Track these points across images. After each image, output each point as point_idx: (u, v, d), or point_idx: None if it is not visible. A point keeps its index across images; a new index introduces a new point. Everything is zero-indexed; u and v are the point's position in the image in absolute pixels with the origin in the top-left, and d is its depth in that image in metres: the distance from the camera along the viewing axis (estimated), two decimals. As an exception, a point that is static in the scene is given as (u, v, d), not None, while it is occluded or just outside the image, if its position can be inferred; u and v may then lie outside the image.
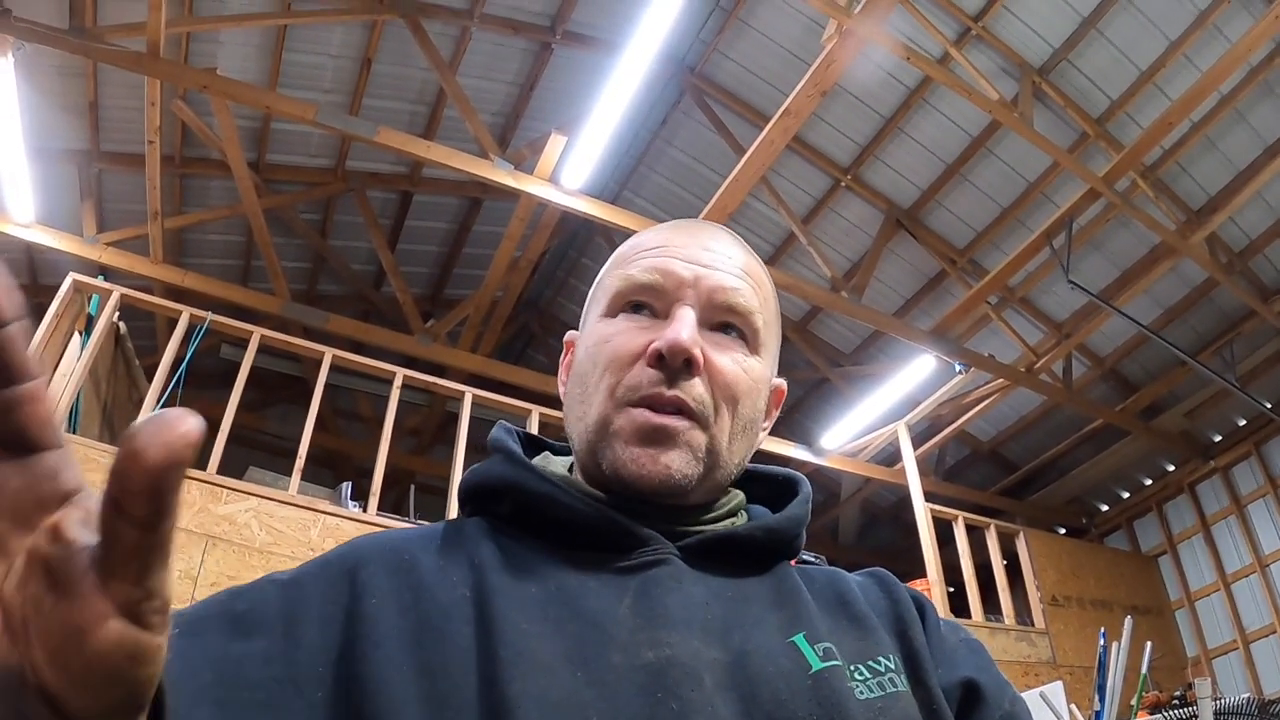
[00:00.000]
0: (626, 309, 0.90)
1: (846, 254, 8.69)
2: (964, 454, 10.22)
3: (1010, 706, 0.83)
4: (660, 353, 0.84)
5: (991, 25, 6.68)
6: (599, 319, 0.92)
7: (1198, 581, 8.82)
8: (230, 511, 4.85)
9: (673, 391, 0.83)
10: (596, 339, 0.90)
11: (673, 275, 0.89)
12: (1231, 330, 7.97)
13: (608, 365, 0.86)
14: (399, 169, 8.42)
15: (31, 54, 5.48)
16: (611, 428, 0.84)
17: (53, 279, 6.79)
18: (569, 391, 0.93)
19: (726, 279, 0.90)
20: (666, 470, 0.82)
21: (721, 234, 0.96)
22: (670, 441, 0.83)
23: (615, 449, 0.84)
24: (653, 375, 0.84)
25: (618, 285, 0.91)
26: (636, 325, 0.88)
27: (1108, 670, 3.91)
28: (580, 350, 0.92)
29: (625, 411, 0.84)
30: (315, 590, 0.76)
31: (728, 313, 0.89)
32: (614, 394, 0.85)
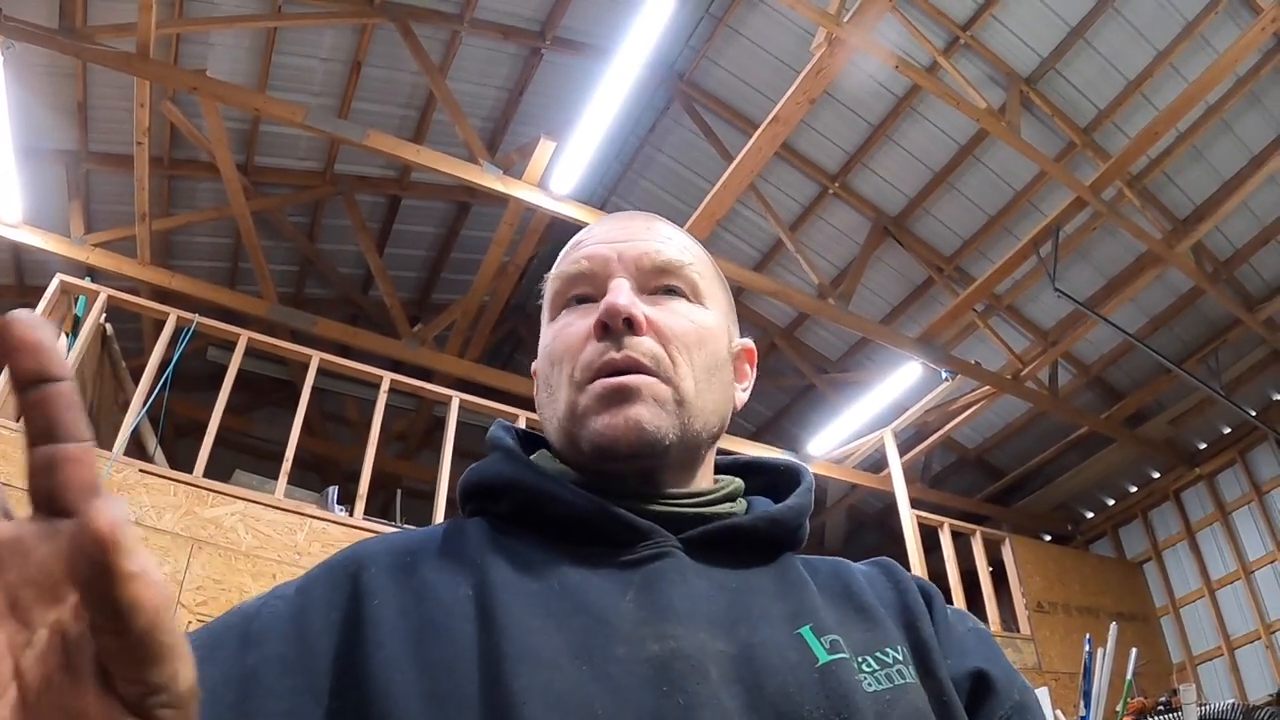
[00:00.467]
0: (567, 305, 0.92)
1: (834, 261, 8.72)
2: (950, 461, 10.25)
3: (1020, 696, 0.82)
4: (602, 323, 0.85)
5: (980, 34, 6.72)
6: (548, 325, 0.94)
7: (1183, 588, 8.87)
8: (217, 515, 4.84)
9: (623, 353, 0.84)
10: (548, 340, 0.92)
11: (597, 257, 0.91)
12: (1217, 339, 8.01)
13: (562, 355, 0.88)
14: (388, 173, 8.42)
15: (21, 53, 5.46)
16: (579, 409, 0.85)
17: (40, 280, 6.77)
18: (540, 400, 0.94)
19: (648, 245, 0.91)
20: (637, 423, 0.82)
21: (642, 215, 0.98)
22: (633, 396, 0.83)
23: (588, 424, 0.84)
24: (601, 346, 0.85)
25: (554, 287, 0.94)
26: (578, 314, 0.90)
27: (1093, 676, 3.93)
28: (540, 360, 0.94)
29: (586, 389, 0.85)
30: (321, 595, 0.76)
31: (660, 274, 0.90)
32: (573, 378, 0.86)
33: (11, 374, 0.39)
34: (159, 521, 4.62)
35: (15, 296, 8.04)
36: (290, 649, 0.71)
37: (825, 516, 10.85)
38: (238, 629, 0.73)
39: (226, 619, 0.76)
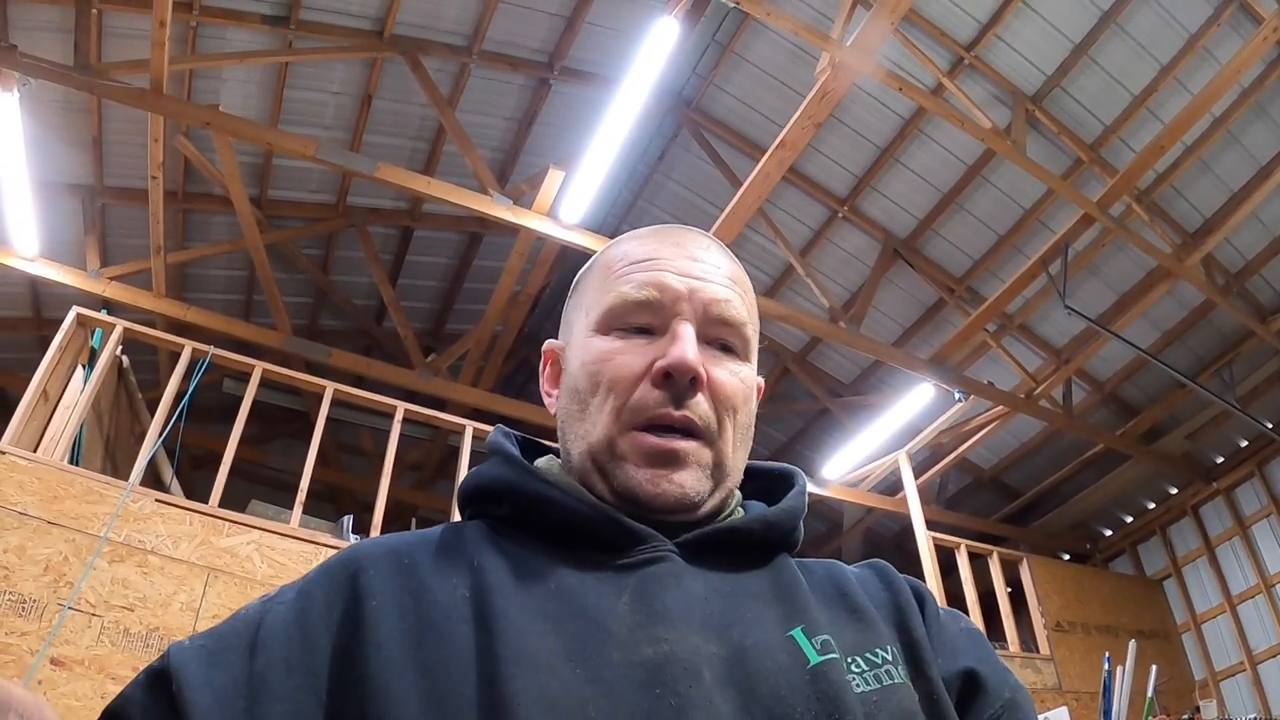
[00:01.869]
0: (623, 325, 0.90)
1: (845, 284, 8.73)
2: (965, 482, 10.18)
3: (1011, 695, 0.83)
4: (667, 372, 0.85)
5: (984, 54, 6.74)
6: (591, 333, 0.91)
7: (1203, 604, 8.77)
8: (232, 544, 4.85)
9: (681, 412, 0.85)
10: (595, 356, 0.89)
11: (669, 290, 0.89)
12: (1230, 351, 7.96)
13: (611, 386, 0.86)
14: (400, 204, 8.48)
15: (36, 89, 5.53)
16: (618, 450, 0.85)
17: (56, 312, 6.83)
18: (564, 407, 0.92)
19: (719, 290, 0.91)
20: (681, 489, 0.84)
21: (705, 240, 0.97)
22: (680, 462, 0.84)
23: (627, 471, 0.84)
24: (659, 396, 0.85)
25: (610, 301, 0.91)
26: (634, 343, 0.88)
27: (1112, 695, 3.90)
28: (574, 364, 0.92)
29: (631, 435, 0.85)
30: (321, 596, 0.78)
31: (722, 326, 0.90)
32: (619, 416, 0.85)
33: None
34: (175, 551, 4.64)
35: (32, 329, 8.12)
36: (293, 651, 0.73)
37: (841, 540, 10.80)
38: (244, 635, 0.75)
39: (232, 625, 0.77)
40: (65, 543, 4.38)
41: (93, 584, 4.31)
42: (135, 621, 4.32)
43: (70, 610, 4.17)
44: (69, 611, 4.17)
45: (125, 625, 4.29)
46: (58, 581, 4.25)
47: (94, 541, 4.44)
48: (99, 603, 4.29)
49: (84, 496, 4.58)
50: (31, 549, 4.28)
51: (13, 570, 4.19)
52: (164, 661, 0.74)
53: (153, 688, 0.72)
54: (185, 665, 0.72)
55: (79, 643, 4.14)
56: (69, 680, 4.02)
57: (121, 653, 4.19)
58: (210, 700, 0.69)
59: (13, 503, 4.39)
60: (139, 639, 4.27)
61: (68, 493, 4.55)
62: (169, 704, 0.70)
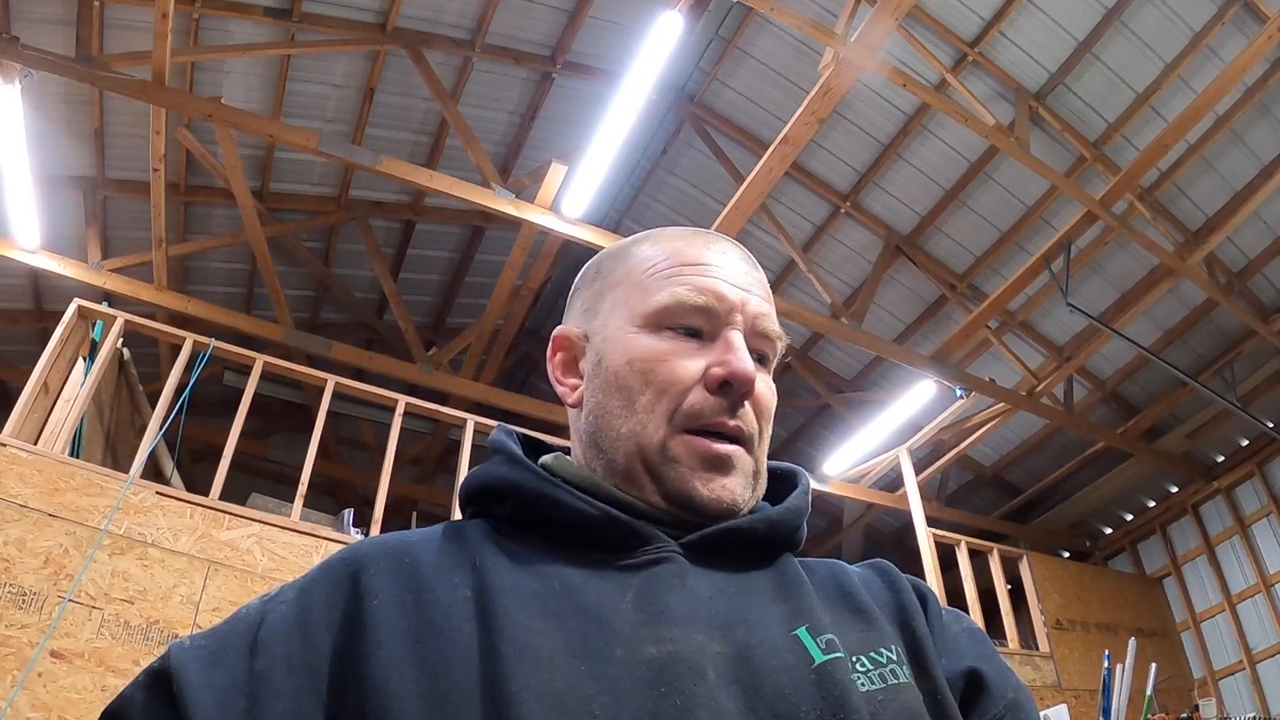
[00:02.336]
0: (675, 327, 0.90)
1: (846, 280, 8.73)
2: (966, 479, 10.20)
3: (1014, 695, 0.83)
4: (726, 381, 0.86)
5: (988, 51, 6.73)
6: (634, 329, 0.91)
7: (1203, 603, 8.79)
8: (233, 537, 4.85)
9: (735, 421, 0.87)
10: (648, 354, 0.89)
11: (725, 299, 0.91)
12: (1231, 350, 7.97)
13: (665, 387, 0.87)
14: (402, 198, 8.47)
15: (38, 81, 5.52)
16: (670, 452, 0.85)
17: (58, 305, 6.83)
18: (600, 402, 0.91)
19: (763, 305, 0.93)
20: (733, 495, 0.86)
21: (740, 249, 1.00)
22: (730, 468, 0.87)
23: (680, 474, 0.85)
24: (715, 403, 0.87)
25: (664, 301, 0.91)
26: (687, 346, 0.89)
27: (1112, 693, 3.91)
28: (616, 359, 0.91)
29: (683, 438, 0.86)
30: (321, 595, 0.78)
31: (764, 339, 0.93)
32: (672, 418, 0.86)
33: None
34: (175, 544, 4.64)
35: (33, 321, 8.13)
36: (294, 650, 0.73)
37: (842, 536, 10.81)
38: (245, 635, 0.75)
39: (233, 624, 0.77)
40: (65, 535, 4.39)
41: (93, 577, 4.31)
42: (135, 614, 4.33)
43: (70, 603, 4.18)
44: (69, 604, 4.17)
45: (125, 618, 4.29)
46: (58, 574, 4.26)
47: (94, 534, 4.44)
48: (99, 595, 4.30)
49: (84, 489, 4.58)
50: (32, 542, 4.29)
51: (13, 563, 4.19)
52: (164, 662, 0.73)
53: (153, 688, 0.72)
54: (186, 666, 0.72)
55: (79, 635, 4.14)
56: (69, 673, 4.02)
57: (122, 645, 4.20)
58: (211, 701, 0.69)
59: (13, 495, 4.39)
60: (139, 632, 4.27)
61: (68, 485, 4.56)
62: (169, 705, 0.70)
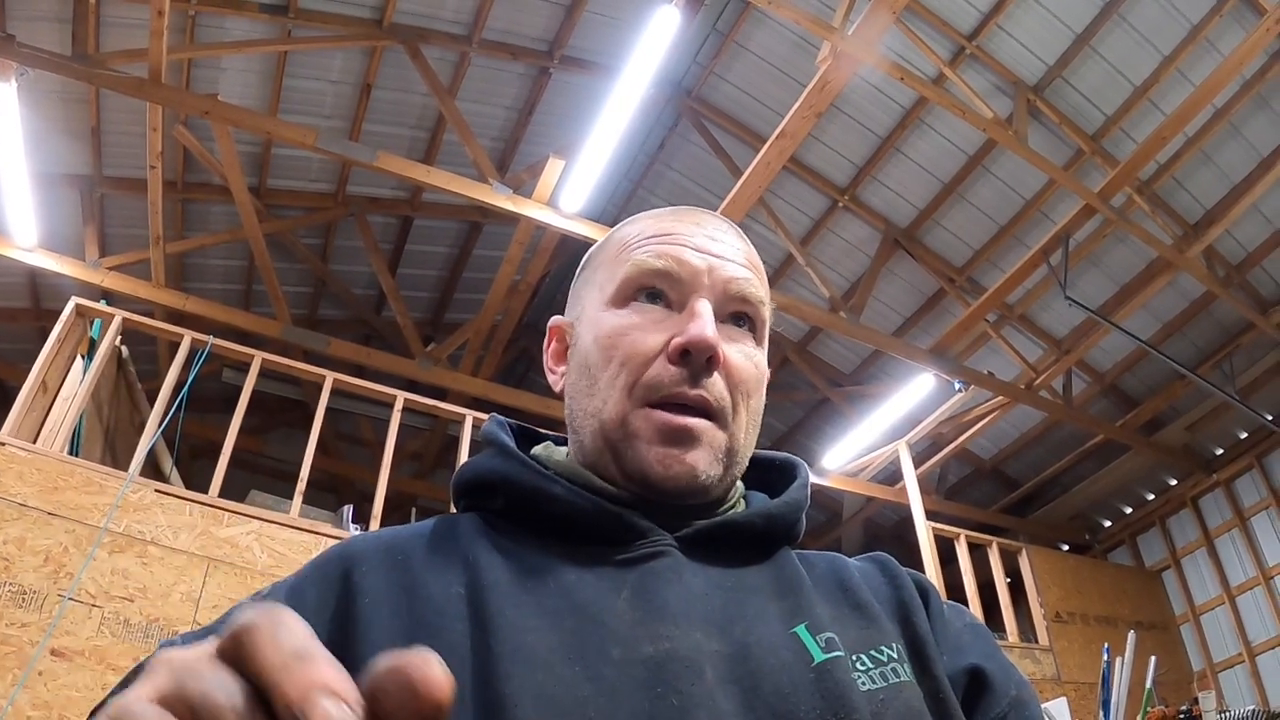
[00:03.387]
0: (638, 297, 0.88)
1: (845, 274, 8.72)
2: (965, 472, 10.20)
3: (1017, 692, 0.82)
4: (684, 349, 0.82)
5: (985, 44, 6.72)
6: (604, 307, 0.89)
7: (1202, 595, 8.79)
8: (232, 534, 4.85)
9: (696, 391, 0.83)
10: (609, 329, 0.87)
11: (687, 264, 0.87)
12: (1230, 343, 7.97)
13: (625, 361, 0.84)
14: (399, 194, 8.46)
15: (34, 79, 5.51)
16: (630, 427, 0.83)
17: (55, 303, 6.82)
18: (573, 383, 0.90)
19: (737, 270, 0.89)
20: (693, 470, 0.82)
21: (722, 222, 0.96)
22: (694, 442, 0.82)
23: (638, 449, 0.82)
24: (675, 373, 0.83)
25: (627, 271, 0.88)
26: (651, 318, 0.86)
27: (1111, 685, 3.91)
28: (586, 338, 0.90)
29: (644, 412, 0.83)
30: (313, 594, 0.76)
31: (741, 304, 0.89)
32: (631, 392, 0.83)
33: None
34: (175, 541, 4.64)
35: (31, 320, 8.12)
36: None
37: (841, 530, 10.82)
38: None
39: (223, 624, 0.76)
40: (65, 534, 4.38)
41: (93, 575, 4.31)
42: (135, 612, 4.32)
43: (70, 601, 4.18)
44: (69, 602, 4.17)
45: (125, 616, 4.29)
46: (58, 572, 4.25)
47: (94, 532, 4.44)
48: (99, 593, 4.29)
49: (84, 487, 4.58)
50: (31, 540, 4.28)
51: (13, 561, 4.19)
52: (154, 659, 0.72)
53: None
54: None
55: (79, 633, 4.14)
56: (69, 671, 4.02)
57: (122, 643, 4.19)
58: None
59: (12, 494, 4.39)
60: (139, 629, 4.27)
61: (67, 483, 4.55)
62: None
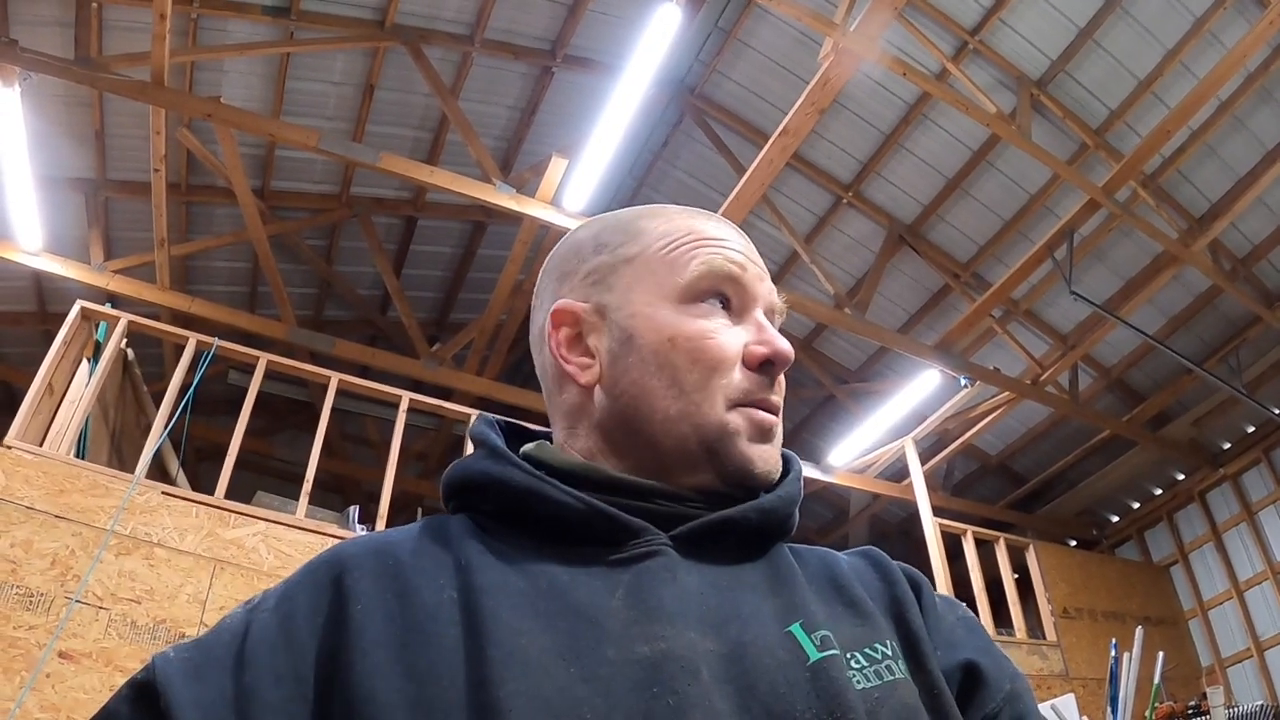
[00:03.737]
0: (709, 299, 0.89)
1: (850, 270, 8.71)
2: (972, 468, 10.18)
3: (1011, 686, 0.82)
4: (769, 359, 0.88)
5: (988, 39, 6.71)
6: (668, 304, 0.88)
7: (1210, 590, 8.77)
8: (238, 536, 4.86)
9: (776, 398, 0.90)
10: (693, 331, 0.87)
11: (749, 273, 0.92)
12: (1237, 337, 7.95)
13: (715, 365, 0.86)
14: (403, 194, 8.46)
15: (38, 84, 5.52)
16: (730, 427, 0.86)
17: (61, 306, 6.83)
18: (637, 381, 0.87)
19: (772, 284, 0.95)
20: (777, 464, 0.89)
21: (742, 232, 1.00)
22: (775, 438, 0.90)
23: (741, 447, 0.86)
24: (760, 380, 0.88)
25: (698, 271, 0.89)
26: (722, 323, 0.89)
27: (1119, 681, 3.89)
28: (650, 335, 0.87)
29: (741, 410, 0.87)
30: (304, 601, 0.76)
31: (776, 318, 0.94)
32: (727, 395, 0.86)
33: None
34: (181, 543, 4.65)
35: (37, 324, 8.14)
36: (279, 660, 0.72)
37: (848, 527, 10.81)
38: (230, 647, 0.73)
39: (218, 635, 0.75)
40: (72, 536, 4.39)
41: (99, 577, 4.32)
42: (142, 614, 4.33)
43: (77, 603, 4.19)
44: (76, 605, 4.18)
45: (132, 618, 4.30)
46: (65, 575, 4.26)
47: (100, 534, 4.45)
48: (106, 596, 4.30)
49: (90, 490, 4.59)
50: (38, 543, 4.30)
51: (20, 564, 4.20)
52: (148, 674, 0.72)
53: (138, 702, 0.71)
54: (171, 680, 0.70)
55: (86, 636, 4.15)
56: (77, 673, 4.03)
57: (129, 645, 4.20)
58: (199, 717, 0.68)
59: (19, 497, 4.40)
60: (146, 631, 4.28)
61: (74, 486, 4.56)
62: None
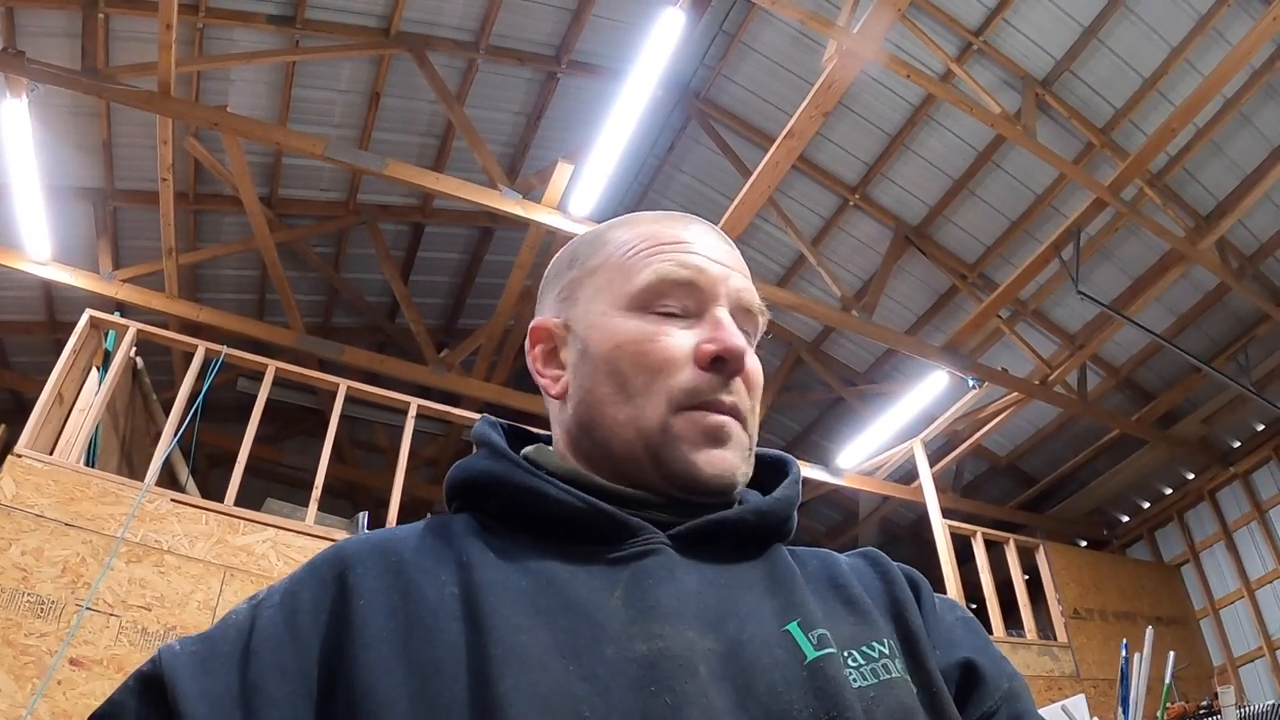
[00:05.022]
0: (660, 305, 0.88)
1: (857, 273, 8.70)
2: (981, 469, 10.16)
3: (1009, 685, 0.82)
4: (719, 356, 0.85)
5: (993, 39, 6.70)
6: (619, 312, 0.89)
7: (1221, 589, 8.73)
8: (248, 542, 4.88)
9: (731, 397, 0.86)
10: (638, 336, 0.87)
11: (707, 273, 0.89)
12: (1245, 335, 7.91)
13: (659, 367, 0.85)
14: (410, 201, 8.49)
15: (45, 95, 5.58)
16: (673, 431, 0.84)
17: (70, 315, 6.86)
18: (590, 389, 0.89)
19: (743, 281, 0.92)
20: (732, 468, 0.84)
21: (717, 230, 0.98)
22: (729, 441, 0.85)
23: (683, 452, 0.83)
24: (710, 379, 0.85)
25: (647, 278, 0.89)
26: (675, 325, 0.87)
27: (1130, 681, 3.88)
28: (604, 344, 0.88)
29: (684, 415, 0.84)
30: (308, 597, 0.77)
31: (747, 315, 0.91)
32: (670, 398, 0.84)
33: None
34: (191, 550, 4.67)
35: (46, 333, 8.18)
36: (285, 655, 0.72)
37: (858, 529, 10.79)
38: (236, 641, 0.74)
39: (223, 630, 0.76)
40: (82, 544, 4.41)
41: (110, 584, 4.34)
42: (153, 621, 4.35)
43: (88, 611, 4.21)
44: (87, 612, 4.20)
45: (143, 625, 4.32)
46: (75, 582, 4.28)
47: (111, 542, 4.47)
48: (116, 603, 4.32)
49: (100, 498, 4.61)
50: (49, 550, 4.32)
51: (31, 572, 4.22)
52: (154, 666, 0.73)
53: (144, 694, 0.72)
54: (179, 673, 0.71)
55: (97, 643, 4.17)
56: (88, 680, 4.05)
57: (140, 652, 4.22)
58: (206, 711, 0.69)
59: (30, 505, 4.42)
60: (157, 638, 4.29)
61: (84, 494, 4.58)
62: (163, 713, 0.70)
